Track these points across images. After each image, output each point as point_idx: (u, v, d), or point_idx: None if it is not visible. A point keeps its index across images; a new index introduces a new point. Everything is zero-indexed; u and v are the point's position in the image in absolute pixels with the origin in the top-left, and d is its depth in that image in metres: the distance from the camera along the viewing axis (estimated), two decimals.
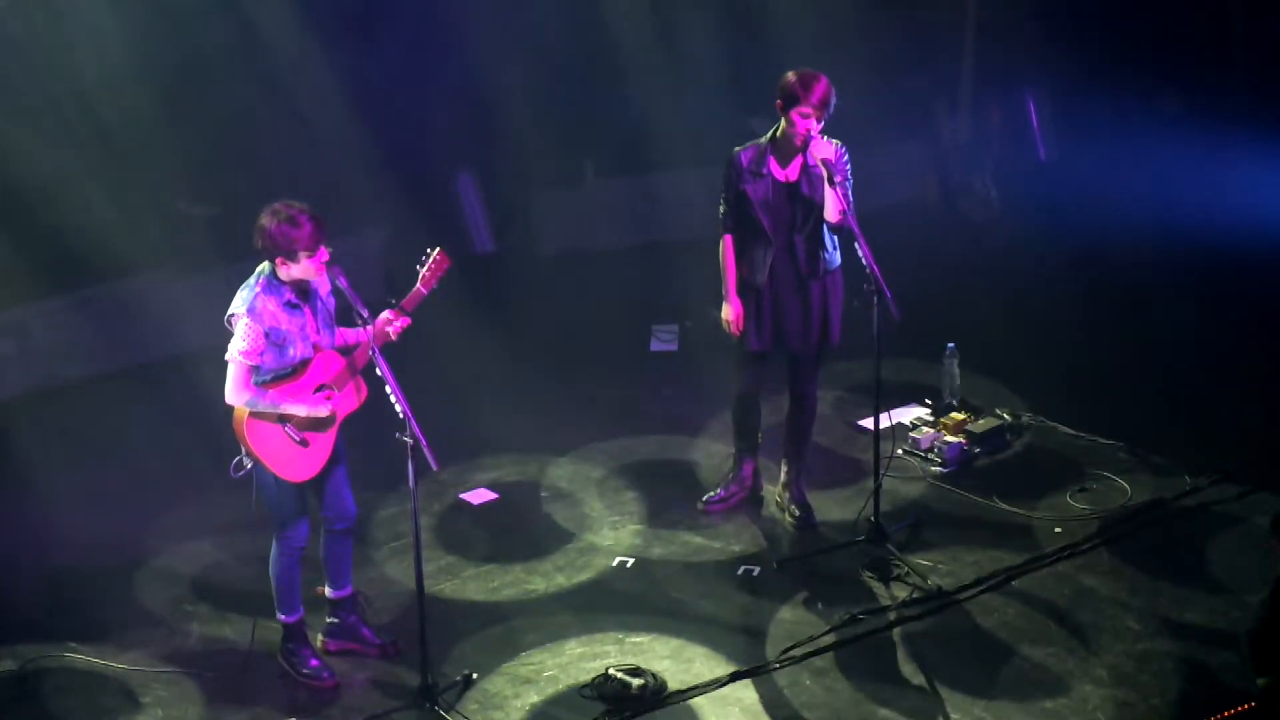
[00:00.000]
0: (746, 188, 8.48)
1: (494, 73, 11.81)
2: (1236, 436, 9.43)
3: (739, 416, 8.99)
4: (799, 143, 8.33)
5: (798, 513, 8.92)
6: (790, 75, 8.31)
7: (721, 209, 8.60)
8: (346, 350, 7.53)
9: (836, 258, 8.63)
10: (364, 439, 7.94)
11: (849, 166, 8.40)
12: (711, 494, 9.09)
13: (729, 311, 8.64)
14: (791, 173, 8.46)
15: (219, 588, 8.48)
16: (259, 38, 10.83)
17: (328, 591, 7.92)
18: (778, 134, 8.43)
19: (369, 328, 7.40)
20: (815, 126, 8.27)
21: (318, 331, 7.45)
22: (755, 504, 9.08)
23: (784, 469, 9.02)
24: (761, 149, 8.46)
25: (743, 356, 8.79)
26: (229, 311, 7.33)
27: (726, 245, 8.63)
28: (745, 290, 8.62)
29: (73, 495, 9.23)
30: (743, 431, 9.02)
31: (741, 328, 8.64)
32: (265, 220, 7.24)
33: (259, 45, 10.84)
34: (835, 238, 8.60)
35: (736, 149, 8.53)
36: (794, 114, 8.29)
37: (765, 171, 8.45)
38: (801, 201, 8.45)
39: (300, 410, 7.38)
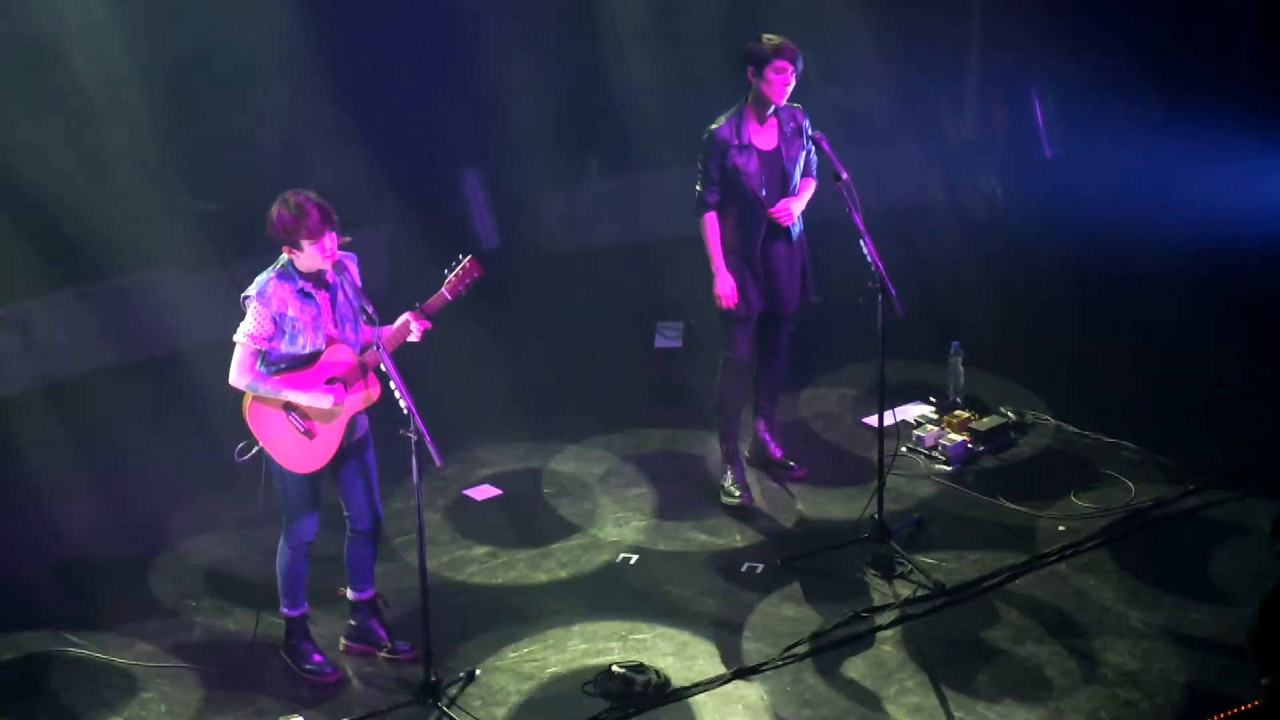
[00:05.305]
0: (738, 160, 8.54)
1: (500, 69, 11.81)
2: (1243, 436, 9.42)
3: (735, 384, 8.98)
4: (778, 99, 8.47)
5: (788, 462, 9.14)
6: (751, 42, 8.47)
7: (699, 188, 8.65)
8: (367, 347, 7.50)
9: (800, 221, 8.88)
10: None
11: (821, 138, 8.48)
12: (735, 489, 9.03)
13: (721, 285, 8.67)
14: (771, 140, 8.62)
15: (223, 581, 8.47)
16: (264, 32, 10.81)
17: (349, 593, 7.89)
18: (747, 104, 8.56)
19: (379, 326, 7.39)
20: (792, 81, 8.45)
21: (336, 324, 7.42)
22: (763, 501, 9.08)
23: (762, 424, 9.19)
24: (737, 122, 8.55)
25: (738, 321, 8.83)
26: (243, 293, 7.34)
27: (710, 223, 8.70)
28: (738, 260, 8.68)
29: (77, 489, 9.22)
30: (736, 406, 9.02)
31: (736, 299, 8.68)
32: (274, 208, 7.23)
33: (264, 40, 10.82)
34: None
35: (712, 126, 8.60)
36: (768, 71, 8.42)
37: (748, 143, 8.55)
38: (786, 166, 8.62)
39: (302, 399, 7.34)
